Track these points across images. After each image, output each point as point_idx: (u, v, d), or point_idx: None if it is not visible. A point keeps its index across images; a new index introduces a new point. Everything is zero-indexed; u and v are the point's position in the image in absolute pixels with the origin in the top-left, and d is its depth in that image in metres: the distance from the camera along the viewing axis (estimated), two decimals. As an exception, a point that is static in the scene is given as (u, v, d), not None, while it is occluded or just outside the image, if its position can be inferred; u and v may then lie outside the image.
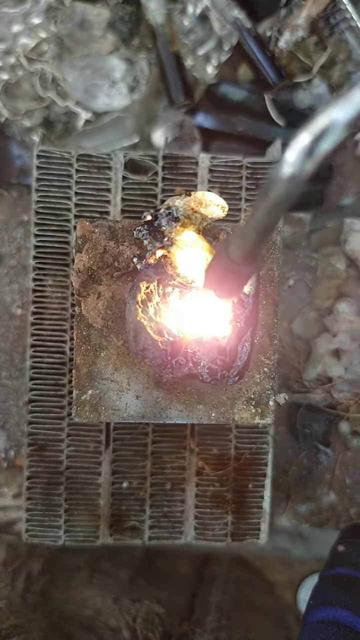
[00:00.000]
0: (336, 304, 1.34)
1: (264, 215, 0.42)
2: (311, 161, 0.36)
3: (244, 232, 0.46)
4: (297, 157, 0.36)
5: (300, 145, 0.36)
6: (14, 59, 1.31)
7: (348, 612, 0.77)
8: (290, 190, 0.39)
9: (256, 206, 0.43)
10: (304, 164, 0.36)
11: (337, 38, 1.32)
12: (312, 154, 0.36)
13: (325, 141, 0.35)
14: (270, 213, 0.42)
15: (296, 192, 0.39)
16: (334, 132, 0.35)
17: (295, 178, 0.37)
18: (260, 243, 0.46)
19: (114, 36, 1.31)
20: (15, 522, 1.33)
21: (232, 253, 0.49)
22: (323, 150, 0.36)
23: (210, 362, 0.82)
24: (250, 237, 0.46)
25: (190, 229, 0.78)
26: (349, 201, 1.40)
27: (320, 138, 0.35)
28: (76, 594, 1.15)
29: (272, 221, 0.43)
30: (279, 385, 1.37)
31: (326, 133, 0.35)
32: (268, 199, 0.40)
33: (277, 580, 1.43)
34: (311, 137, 0.35)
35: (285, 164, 0.37)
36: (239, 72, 1.36)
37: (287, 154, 0.37)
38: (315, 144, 0.35)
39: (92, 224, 0.82)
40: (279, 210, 0.41)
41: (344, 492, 1.40)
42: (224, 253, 0.50)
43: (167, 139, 1.31)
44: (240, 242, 0.48)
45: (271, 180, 0.39)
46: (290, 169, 0.37)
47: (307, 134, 0.35)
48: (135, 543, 1.16)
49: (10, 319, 1.37)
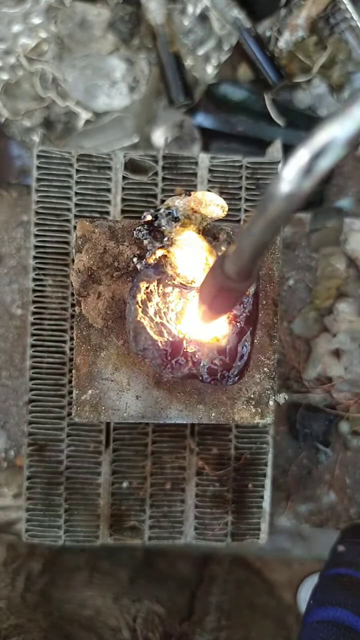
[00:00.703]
0: (336, 304, 1.34)
1: (260, 232, 0.41)
2: (309, 179, 0.35)
3: (239, 249, 0.45)
4: (295, 174, 0.35)
5: (298, 163, 0.35)
6: (14, 59, 1.31)
7: (348, 612, 0.77)
8: (287, 208, 0.38)
9: (252, 222, 0.42)
10: (302, 182, 0.35)
11: (337, 38, 1.32)
12: (311, 172, 0.35)
13: (324, 159, 0.34)
14: (266, 230, 0.41)
15: (293, 210, 0.38)
16: (333, 150, 0.34)
17: (292, 196, 0.36)
18: (256, 260, 0.45)
19: (114, 36, 1.31)
20: (15, 522, 1.33)
21: (227, 269, 0.48)
22: (322, 168, 0.34)
23: (210, 362, 0.82)
24: (245, 253, 0.45)
25: (190, 229, 0.78)
26: (349, 201, 1.40)
27: (319, 156, 0.34)
28: (76, 594, 1.15)
29: (268, 238, 0.42)
30: (279, 385, 1.37)
31: (325, 151, 0.34)
32: (264, 216, 0.39)
33: (277, 580, 1.43)
34: (310, 154, 0.34)
35: (283, 182, 0.36)
36: (239, 72, 1.36)
37: (285, 171, 0.36)
38: (313, 162, 0.34)
39: (92, 224, 0.82)
40: (275, 228, 0.40)
41: (344, 492, 1.40)
42: (219, 269, 0.49)
43: (167, 139, 1.31)
44: (235, 258, 0.47)
45: (268, 196, 0.38)
46: (287, 187, 0.36)
47: (305, 151, 0.34)
48: (135, 543, 1.16)
49: (10, 319, 1.37)
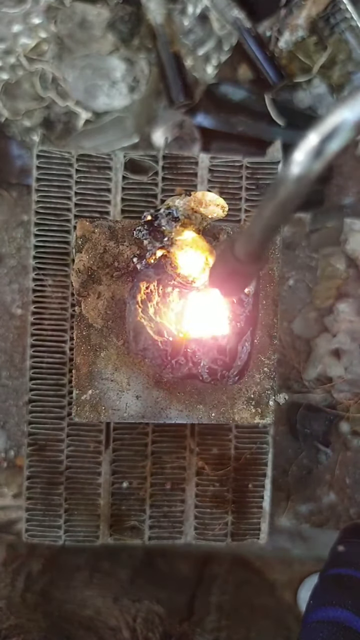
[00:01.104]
0: (336, 304, 1.34)
1: (270, 214, 0.42)
2: (319, 161, 0.36)
3: (250, 231, 0.46)
4: (306, 157, 0.36)
5: (308, 145, 0.36)
6: (14, 59, 1.31)
7: (348, 612, 0.77)
8: (298, 190, 0.39)
9: (263, 205, 0.43)
10: (312, 164, 0.36)
11: (337, 38, 1.32)
12: (321, 154, 0.36)
13: (334, 141, 0.35)
14: (277, 213, 0.42)
15: (304, 192, 0.39)
16: (342, 132, 0.35)
17: (303, 178, 0.37)
18: (266, 242, 0.46)
19: (114, 36, 1.31)
20: (15, 522, 1.33)
21: (237, 252, 0.49)
22: (331, 150, 0.36)
23: (210, 362, 0.82)
24: (256, 236, 0.46)
25: (190, 229, 0.78)
26: (349, 201, 1.40)
27: (328, 138, 0.35)
28: (76, 593, 1.15)
29: (279, 221, 0.43)
30: (279, 385, 1.37)
31: (335, 133, 0.35)
32: (275, 199, 0.40)
33: (277, 580, 1.43)
34: (320, 137, 0.35)
35: (294, 164, 0.37)
36: (239, 72, 1.36)
37: (296, 154, 0.37)
38: (323, 144, 0.36)
39: (92, 224, 0.82)
40: (286, 210, 0.41)
41: (344, 492, 1.40)
42: (229, 251, 0.50)
43: (167, 139, 1.31)
44: (246, 241, 0.48)
45: (279, 179, 0.39)
46: (298, 169, 0.37)
47: (315, 134, 0.35)
48: (135, 543, 1.16)
49: (10, 319, 1.37)
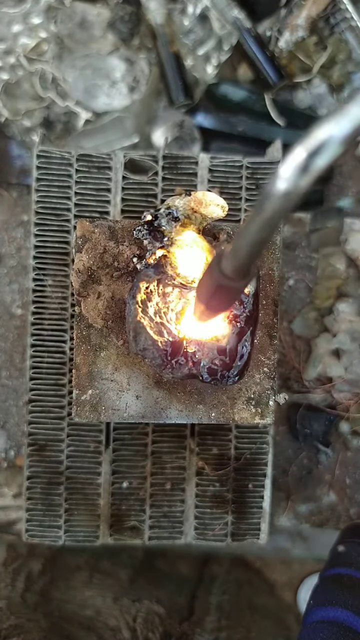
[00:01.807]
0: (336, 304, 1.34)
1: (257, 230, 0.42)
2: (306, 177, 0.35)
3: (236, 247, 0.45)
4: (292, 172, 0.35)
5: (295, 161, 0.35)
6: (14, 59, 1.31)
7: (348, 612, 0.77)
8: (284, 205, 0.38)
9: (249, 220, 0.42)
10: (299, 179, 0.36)
11: (337, 38, 1.32)
12: (307, 169, 0.35)
13: (321, 157, 0.34)
14: (263, 228, 0.41)
15: (290, 208, 0.38)
16: (330, 148, 0.34)
17: (289, 194, 0.37)
18: (253, 258, 0.45)
19: (114, 36, 1.31)
20: (15, 522, 1.33)
21: (224, 267, 0.48)
22: (318, 166, 0.35)
23: (210, 362, 0.82)
24: (242, 251, 0.45)
25: (190, 228, 0.78)
26: (349, 201, 1.40)
27: (315, 154, 0.34)
28: (76, 594, 1.15)
29: (266, 236, 0.42)
30: (279, 385, 1.37)
31: (322, 149, 0.34)
32: (261, 214, 0.40)
33: (277, 580, 1.43)
34: (306, 152, 0.34)
35: (280, 179, 0.36)
36: (239, 72, 1.36)
37: (282, 169, 0.36)
38: (310, 160, 0.34)
39: (92, 224, 0.82)
40: (272, 226, 0.41)
41: (344, 492, 1.40)
42: (216, 268, 0.49)
43: (167, 139, 1.31)
44: (232, 256, 0.47)
45: (265, 195, 0.38)
46: (284, 185, 0.36)
47: (302, 149, 0.34)
48: (135, 543, 1.16)
49: (10, 319, 1.37)
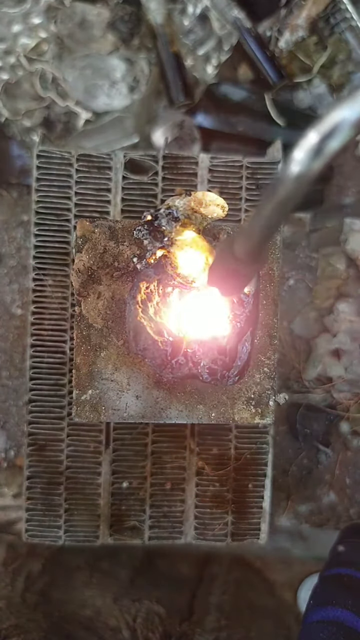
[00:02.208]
0: (336, 304, 1.34)
1: (270, 213, 0.42)
2: (319, 160, 0.36)
3: (249, 230, 0.46)
4: (305, 155, 0.36)
5: (308, 144, 0.36)
6: (14, 59, 1.31)
7: (348, 612, 0.77)
8: (297, 188, 0.39)
9: (262, 204, 0.43)
10: (312, 162, 0.37)
11: (337, 38, 1.32)
12: (320, 152, 0.36)
13: (334, 140, 0.35)
14: (276, 211, 0.42)
15: (303, 191, 0.39)
16: (342, 131, 0.35)
17: (302, 177, 0.38)
18: (265, 241, 0.46)
19: (114, 36, 1.31)
20: (15, 522, 1.33)
21: (236, 251, 0.49)
22: (331, 149, 0.36)
23: (210, 362, 0.82)
24: (255, 235, 0.46)
25: (190, 229, 0.78)
26: (349, 201, 1.40)
27: (328, 137, 0.35)
28: (76, 594, 1.15)
29: (278, 220, 0.43)
30: (279, 385, 1.37)
31: (334, 132, 0.35)
32: (275, 198, 0.40)
33: (277, 580, 1.43)
34: (319, 136, 0.35)
35: (293, 163, 0.37)
36: (239, 72, 1.36)
37: (295, 152, 0.37)
38: (323, 143, 0.36)
39: (92, 224, 0.82)
40: (285, 209, 0.41)
41: (344, 492, 1.40)
42: (228, 251, 0.50)
43: (167, 139, 1.31)
44: (245, 240, 0.48)
45: (279, 178, 0.39)
46: (297, 168, 0.37)
47: (315, 133, 0.36)
48: (135, 543, 1.16)
49: (10, 319, 1.36)
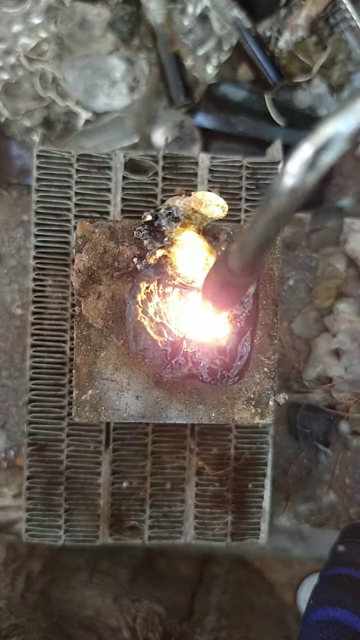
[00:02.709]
0: (336, 304, 1.34)
1: (264, 226, 0.41)
2: (313, 173, 0.35)
3: (243, 244, 0.45)
4: (299, 168, 0.35)
5: (302, 157, 0.35)
6: (14, 59, 1.31)
7: (348, 612, 0.77)
8: (291, 202, 0.38)
9: (256, 217, 0.42)
10: (306, 176, 0.36)
11: (337, 38, 1.32)
12: (314, 165, 0.35)
13: (328, 153, 0.34)
14: (270, 225, 0.41)
15: (297, 205, 0.38)
16: (336, 144, 0.34)
17: (296, 190, 0.37)
18: (260, 255, 0.45)
19: (114, 36, 1.31)
20: (15, 522, 1.33)
21: (231, 264, 0.48)
22: (325, 162, 0.35)
23: (210, 362, 0.82)
24: (249, 248, 0.45)
25: (190, 229, 0.78)
26: (349, 201, 1.40)
27: (322, 150, 0.34)
28: (76, 594, 1.15)
29: (272, 233, 0.42)
30: (279, 385, 1.37)
31: (329, 145, 0.34)
32: (268, 211, 0.39)
33: (277, 580, 1.43)
34: (313, 148, 0.34)
35: (287, 176, 0.36)
36: (239, 72, 1.36)
37: (289, 165, 0.36)
38: (317, 156, 0.35)
39: (92, 224, 0.82)
40: (279, 223, 0.41)
41: (344, 492, 1.40)
42: (222, 264, 0.49)
43: (167, 139, 1.31)
44: (239, 253, 0.46)
45: (272, 191, 0.38)
46: (291, 181, 0.36)
47: (309, 146, 0.35)
48: (135, 543, 1.16)
49: (10, 319, 1.37)
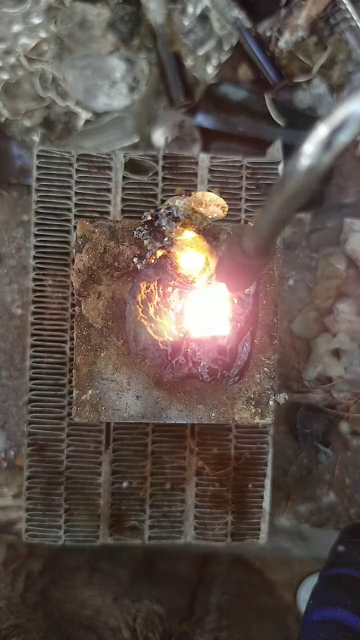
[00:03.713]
0: (336, 304, 1.34)
1: (279, 207, 0.42)
2: (329, 153, 0.36)
3: (258, 225, 0.46)
4: (315, 148, 0.36)
5: (318, 137, 0.36)
6: (14, 59, 1.31)
7: (348, 612, 0.77)
8: (307, 182, 0.39)
9: (271, 199, 0.42)
10: (322, 155, 0.37)
11: (337, 38, 1.32)
12: (330, 145, 0.36)
13: (344, 133, 0.36)
14: (285, 205, 0.42)
15: (313, 185, 0.39)
16: (352, 124, 0.35)
17: (312, 170, 0.38)
18: (274, 236, 0.47)
19: (114, 36, 1.31)
20: (15, 522, 1.33)
21: (245, 246, 0.49)
22: (341, 142, 0.36)
23: (210, 362, 0.82)
24: (264, 229, 0.46)
25: (190, 229, 0.78)
26: (349, 201, 1.40)
27: (338, 130, 0.35)
28: (76, 594, 1.15)
29: (287, 214, 0.43)
30: (279, 385, 1.37)
31: (344, 125, 0.35)
32: (284, 191, 0.40)
33: (277, 580, 1.43)
34: (329, 129, 0.36)
35: (303, 156, 0.37)
36: (239, 72, 1.36)
37: (305, 145, 0.37)
38: (333, 136, 0.36)
39: (92, 224, 0.82)
40: (294, 203, 0.41)
41: (344, 492, 1.40)
42: (237, 246, 0.50)
43: (167, 139, 1.31)
44: (254, 234, 0.47)
45: (288, 172, 0.39)
46: (307, 161, 0.37)
47: (325, 126, 0.36)
48: (135, 543, 1.16)
49: (10, 319, 1.37)
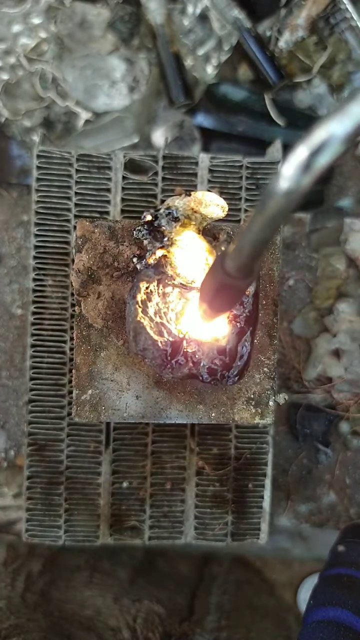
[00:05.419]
0: (336, 304, 1.34)
1: (260, 228, 0.42)
2: (308, 176, 0.36)
3: (239, 246, 0.45)
4: (294, 171, 0.36)
5: (297, 159, 0.35)
6: (14, 59, 1.31)
7: (348, 612, 0.77)
8: (286, 204, 0.38)
9: (252, 219, 0.42)
10: (301, 178, 0.36)
11: (337, 38, 1.32)
12: (309, 168, 0.35)
13: (323, 156, 0.34)
14: (266, 227, 0.41)
15: (293, 207, 0.38)
16: (332, 146, 0.34)
17: (291, 193, 0.37)
18: (256, 257, 0.46)
19: (114, 36, 1.31)
20: (15, 522, 1.33)
21: (227, 266, 0.48)
22: (320, 164, 0.35)
23: (210, 362, 0.82)
24: (245, 250, 0.45)
25: (190, 229, 0.78)
26: (349, 201, 1.40)
27: (317, 152, 0.34)
28: (76, 594, 1.15)
29: (268, 235, 0.42)
30: (279, 385, 1.37)
31: (324, 147, 0.34)
32: (264, 213, 0.40)
33: (277, 580, 1.43)
34: (308, 151, 0.35)
35: (282, 178, 0.37)
36: (239, 72, 1.36)
37: (284, 167, 0.36)
38: (312, 159, 0.35)
39: (92, 224, 0.82)
40: (275, 225, 0.41)
41: (344, 492, 1.40)
42: (219, 266, 0.50)
43: (167, 139, 1.31)
44: (235, 255, 0.47)
45: (267, 193, 0.38)
46: (286, 184, 0.37)
47: (304, 148, 0.35)
48: (135, 543, 1.16)
49: (10, 319, 1.37)
